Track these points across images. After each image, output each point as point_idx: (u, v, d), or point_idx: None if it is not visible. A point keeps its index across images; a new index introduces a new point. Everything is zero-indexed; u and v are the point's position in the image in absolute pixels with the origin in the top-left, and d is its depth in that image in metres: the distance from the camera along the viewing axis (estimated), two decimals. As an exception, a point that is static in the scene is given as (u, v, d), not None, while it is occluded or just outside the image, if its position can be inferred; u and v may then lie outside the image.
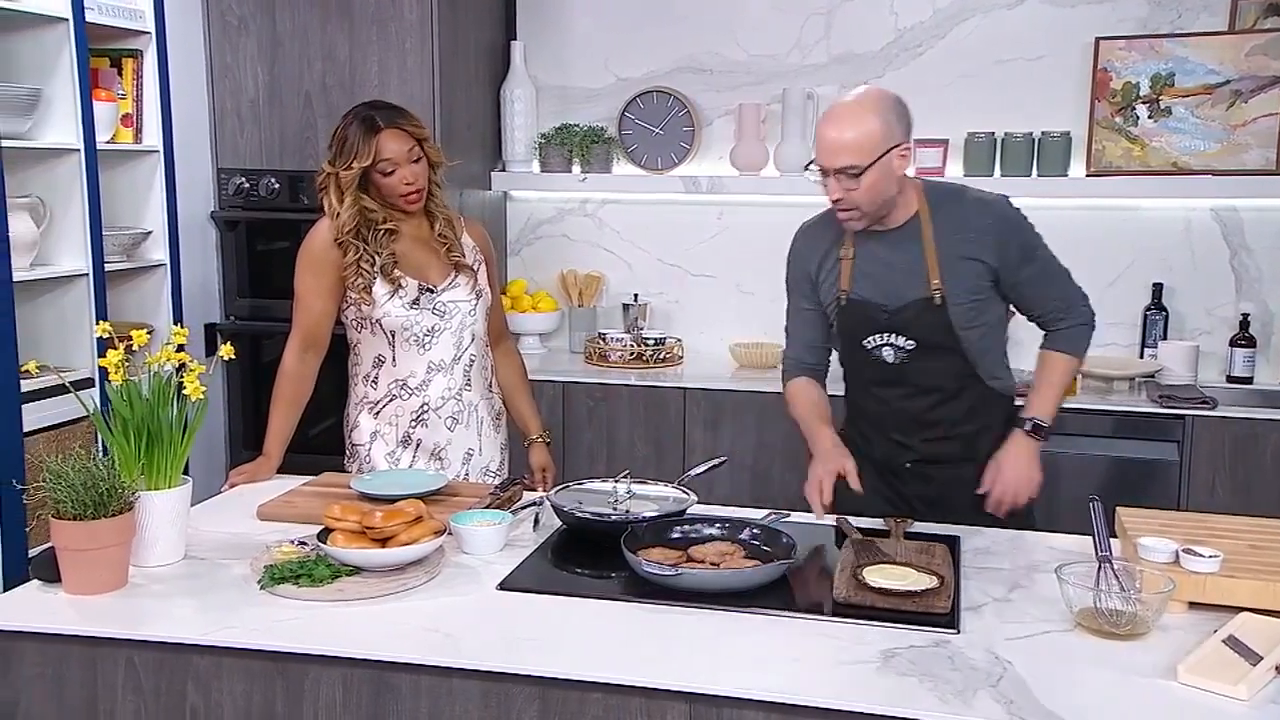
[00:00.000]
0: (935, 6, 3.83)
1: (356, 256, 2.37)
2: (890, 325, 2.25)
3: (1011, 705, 1.44)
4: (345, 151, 2.35)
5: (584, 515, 2.07)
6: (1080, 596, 1.67)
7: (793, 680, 1.52)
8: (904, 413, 2.32)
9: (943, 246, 2.20)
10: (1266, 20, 3.53)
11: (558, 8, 4.16)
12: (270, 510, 2.17)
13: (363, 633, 1.64)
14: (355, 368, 2.52)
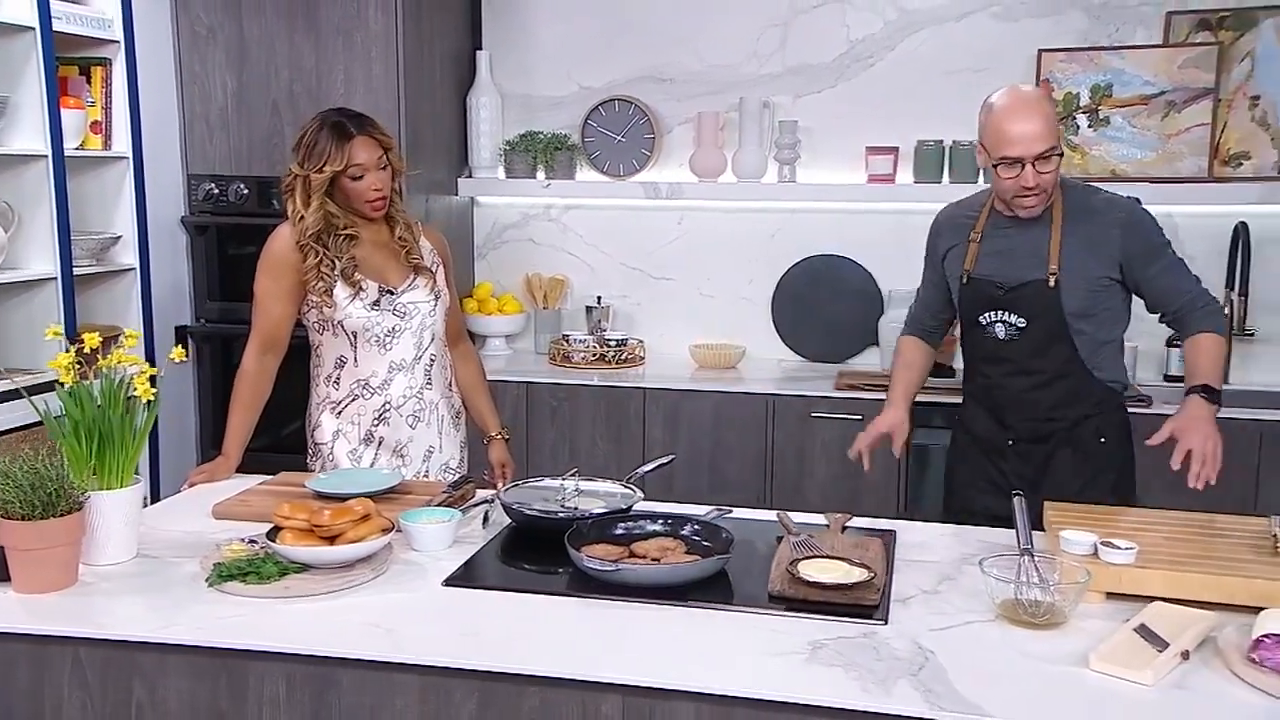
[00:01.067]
0: (885, 19, 3.84)
1: (317, 260, 2.36)
2: (1004, 303, 2.34)
3: (929, 694, 1.45)
4: (316, 155, 2.33)
5: (531, 513, 2.07)
6: (1002, 588, 1.69)
7: (723, 672, 1.52)
8: (1006, 391, 2.39)
9: (1068, 234, 2.29)
10: (1198, 35, 3.57)
11: (523, 19, 4.16)
12: (225, 509, 2.15)
13: (306, 629, 1.63)
14: (317, 369, 2.51)
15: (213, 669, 1.61)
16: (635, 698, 1.52)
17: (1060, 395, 2.35)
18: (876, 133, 3.84)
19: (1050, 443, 2.37)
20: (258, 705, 1.61)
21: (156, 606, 1.71)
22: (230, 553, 1.83)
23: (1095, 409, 2.37)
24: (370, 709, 1.59)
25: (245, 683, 1.61)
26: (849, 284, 3.94)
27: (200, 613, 1.67)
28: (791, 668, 1.53)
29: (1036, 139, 2.20)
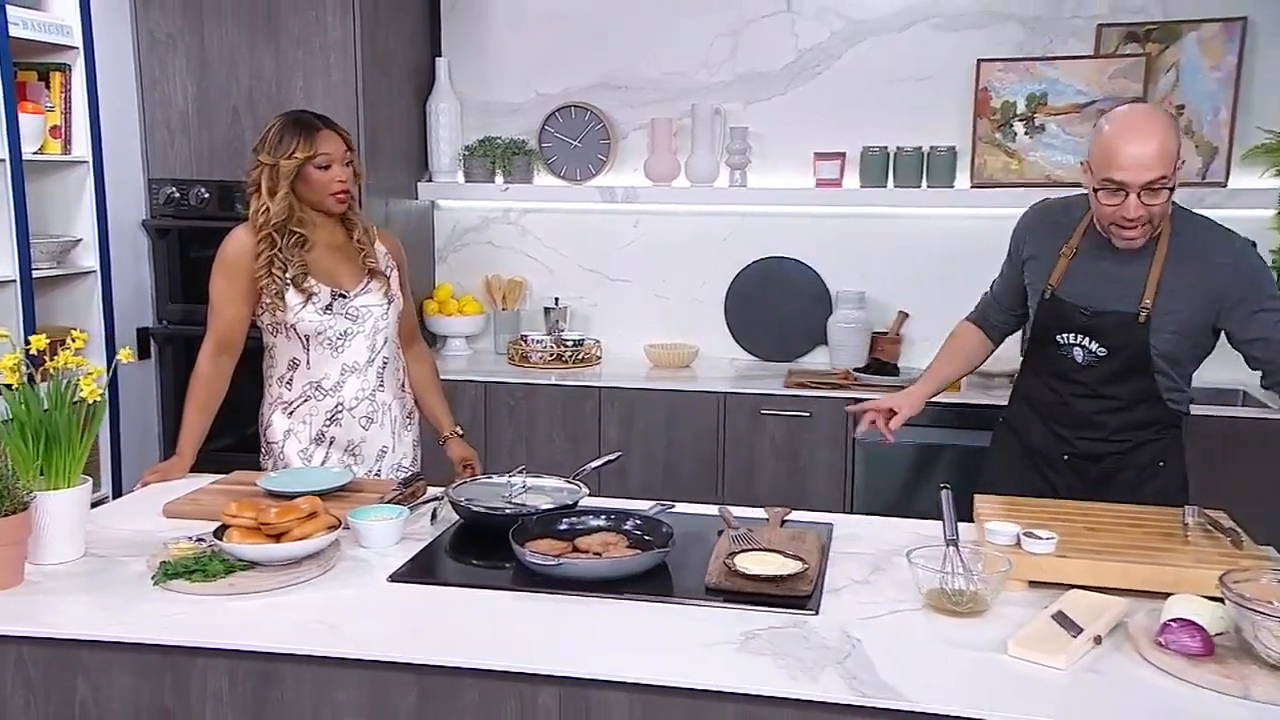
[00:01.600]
0: (832, 30, 3.86)
1: (269, 259, 2.33)
2: (1086, 328, 2.18)
3: (854, 680, 1.46)
4: (284, 144, 2.32)
5: (478, 509, 2.06)
6: (928, 578, 1.70)
7: (657, 662, 1.52)
8: (1074, 410, 2.25)
9: (1170, 271, 2.10)
10: (1126, 46, 3.62)
11: (481, 28, 4.15)
12: (176, 508, 2.13)
13: (250, 626, 1.61)
14: (270, 369, 2.49)
15: (157, 666, 1.59)
16: (572, 689, 1.52)
17: (1128, 420, 2.22)
18: (824, 139, 3.86)
19: (1107, 461, 2.25)
20: (201, 701, 1.60)
21: (102, 605, 1.68)
22: (177, 551, 1.81)
23: (1160, 434, 2.24)
24: (312, 703, 1.58)
25: (189, 679, 1.59)
26: (798, 285, 3.95)
27: (145, 611, 1.65)
28: (723, 657, 1.54)
29: (1147, 166, 1.96)
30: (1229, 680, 1.43)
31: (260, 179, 2.35)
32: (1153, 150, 1.97)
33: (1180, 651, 1.50)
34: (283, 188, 2.33)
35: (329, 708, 1.57)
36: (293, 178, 2.33)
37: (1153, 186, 1.99)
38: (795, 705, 1.46)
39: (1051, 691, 1.44)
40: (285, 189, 2.33)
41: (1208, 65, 3.59)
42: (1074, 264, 2.21)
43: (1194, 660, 1.49)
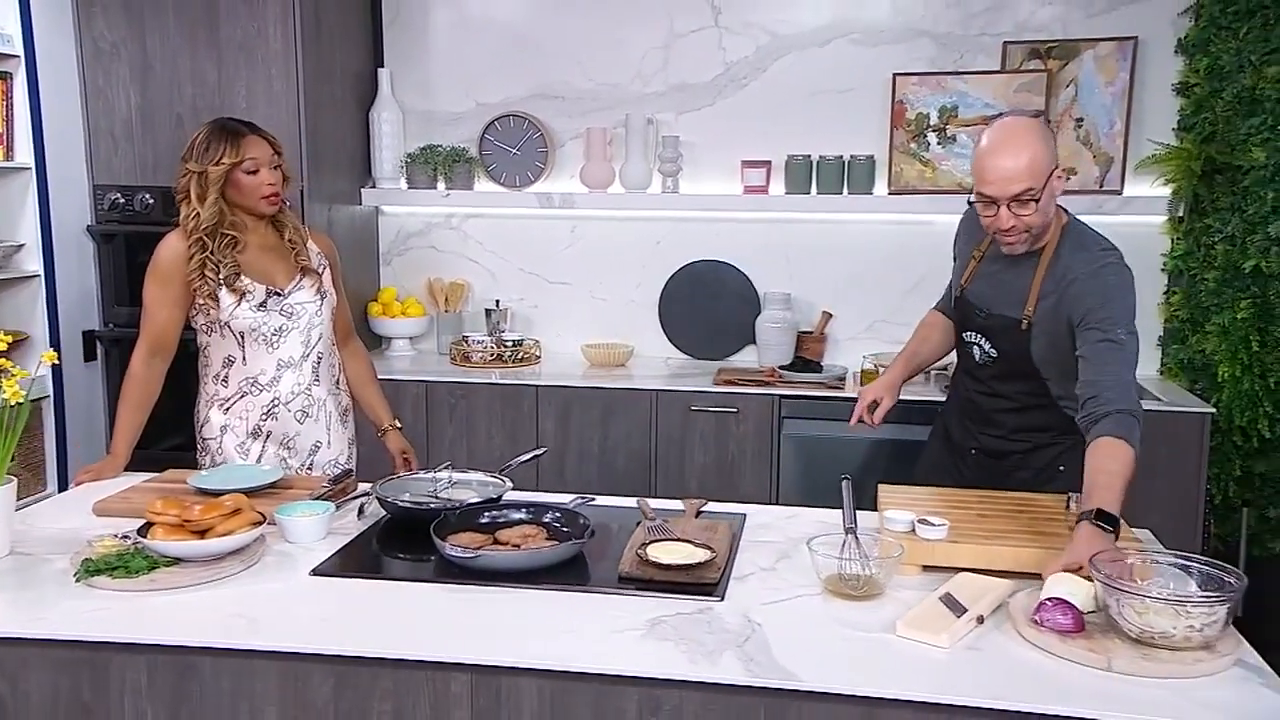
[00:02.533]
0: (758, 44, 3.89)
1: (201, 262, 2.30)
2: (983, 328, 2.21)
3: (751, 663, 1.47)
4: (211, 151, 2.29)
5: (402, 504, 2.05)
6: (826, 564, 1.72)
7: (566, 649, 1.52)
8: (978, 406, 2.29)
9: (1048, 283, 2.08)
10: (1030, 63, 3.69)
11: (422, 39, 4.11)
12: (106, 506, 2.09)
13: (169, 621, 1.59)
14: (205, 368, 2.45)
15: (74, 662, 1.56)
16: (483, 676, 1.52)
17: (1025, 421, 2.23)
18: (751, 147, 3.88)
19: (1009, 460, 2.26)
20: (120, 695, 1.57)
21: (22, 603, 1.65)
22: (101, 548, 1.77)
23: (1058, 439, 2.22)
24: (230, 694, 1.56)
25: (107, 675, 1.57)
26: (728, 287, 3.97)
27: (65, 608, 1.62)
28: (629, 643, 1.54)
29: (1012, 179, 1.95)
30: (1094, 654, 1.47)
31: (189, 186, 2.31)
32: (1019, 164, 1.95)
33: (1053, 629, 1.53)
34: (212, 193, 2.29)
35: (247, 700, 1.55)
36: (222, 183, 2.30)
37: (1020, 198, 1.98)
38: (695, 687, 1.47)
39: (933, 669, 1.47)
40: (215, 195, 2.30)
41: (1103, 81, 3.67)
42: (980, 266, 2.25)
43: (1065, 637, 1.52)
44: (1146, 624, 1.46)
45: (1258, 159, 3.41)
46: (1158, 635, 1.46)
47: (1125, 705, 1.36)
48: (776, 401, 3.49)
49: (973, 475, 2.31)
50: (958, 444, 2.37)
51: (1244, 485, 3.53)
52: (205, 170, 2.29)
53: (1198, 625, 1.45)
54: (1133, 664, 1.44)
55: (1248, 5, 3.42)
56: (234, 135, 2.31)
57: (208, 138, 2.31)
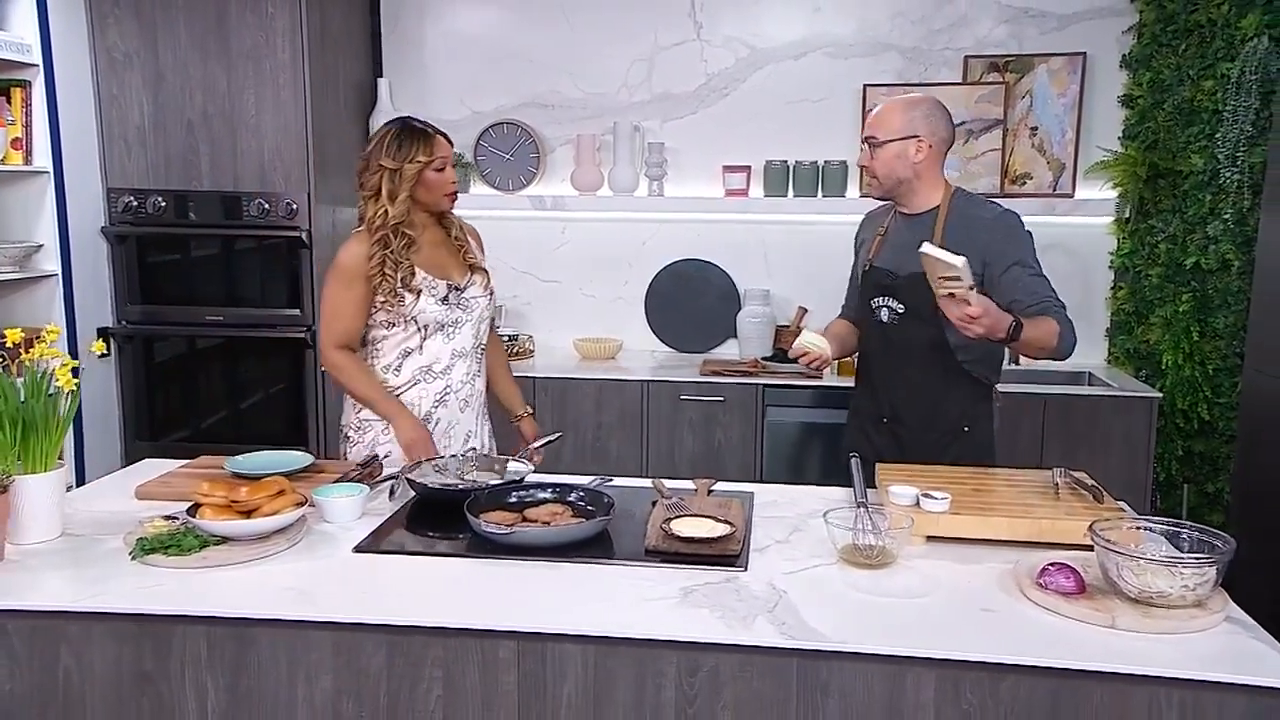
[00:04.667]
0: (737, 56, 3.90)
1: (382, 259, 2.24)
2: (890, 289, 2.28)
3: (784, 626, 1.48)
4: (405, 149, 2.24)
5: (433, 486, 2.02)
6: (842, 535, 1.73)
7: (605, 616, 1.51)
8: (884, 371, 2.34)
9: (948, 235, 2.20)
10: (989, 75, 3.74)
11: (419, 50, 4.07)
12: (147, 490, 2.04)
13: (225, 594, 1.56)
14: (375, 359, 2.37)
15: (137, 634, 1.53)
16: (529, 642, 1.50)
17: (933, 378, 2.27)
18: (732, 153, 3.89)
19: (918, 425, 2.30)
20: (181, 666, 1.53)
21: (82, 579, 1.60)
22: (152, 528, 1.73)
23: (963, 399, 2.28)
24: (286, 664, 1.53)
25: (169, 646, 1.53)
26: (711, 284, 3.98)
27: (124, 583, 1.58)
28: (665, 610, 1.53)
29: (869, 124, 2.25)
30: (1099, 613, 1.49)
31: (380, 183, 2.25)
32: (876, 115, 2.26)
33: (1057, 591, 1.55)
34: (404, 190, 2.24)
35: (303, 668, 1.53)
36: (414, 181, 2.25)
37: (869, 141, 2.26)
38: (730, 650, 1.46)
39: (952, 628, 1.48)
40: (406, 192, 2.25)
41: (1056, 93, 3.73)
42: (885, 240, 2.36)
43: (1069, 598, 1.54)
44: (1145, 584, 1.49)
45: (1196, 165, 3.48)
46: (1156, 595, 1.48)
47: (1134, 659, 1.39)
48: (760, 390, 3.50)
49: (885, 443, 2.34)
50: (871, 417, 2.40)
51: (1185, 464, 3.61)
52: (400, 167, 2.24)
53: (1191, 584, 1.48)
54: (1135, 621, 1.46)
55: (1185, 24, 3.49)
56: (425, 135, 2.28)
57: (398, 137, 2.26)
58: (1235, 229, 3.39)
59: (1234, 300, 3.44)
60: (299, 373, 3.68)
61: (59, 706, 1.54)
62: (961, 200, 2.28)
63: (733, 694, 1.48)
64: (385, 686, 1.52)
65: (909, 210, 2.31)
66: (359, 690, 1.53)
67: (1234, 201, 3.37)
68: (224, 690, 1.53)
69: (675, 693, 1.48)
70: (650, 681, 1.49)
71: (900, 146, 2.21)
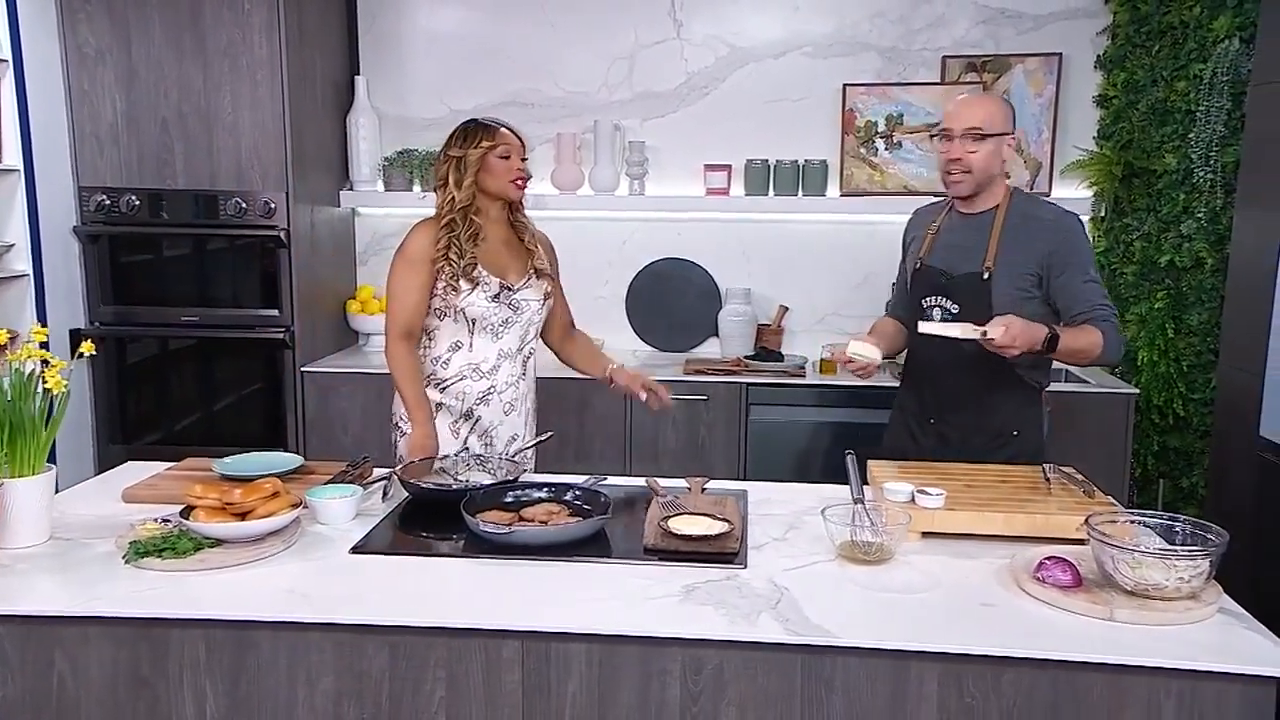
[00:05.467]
0: (717, 55, 3.91)
1: (448, 243, 2.29)
2: (945, 289, 2.29)
3: (787, 622, 1.49)
4: (470, 137, 2.32)
5: (428, 486, 2.02)
6: (840, 532, 1.74)
7: (608, 614, 1.52)
8: (935, 369, 2.33)
9: (1006, 234, 2.22)
10: (967, 75, 3.78)
11: (396, 47, 4.04)
12: (135, 493, 2.01)
13: (223, 597, 1.54)
14: (426, 350, 2.40)
15: (133, 638, 1.51)
16: (532, 641, 1.51)
17: (984, 382, 2.26)
18: (712, 152, 3.90)
19: (966, 427, 2.31)
20: (179, 670, 1.52)
21: (74, 583, 1.58)
22: (145, 531, 1.71)
23: (1011, 403, 2.29)
24: (288, 667, 1.52)
25: (166, 649, 1.51)
26: (692, 283, 3.99)
27: (118, 587, 1.56)
28: (669, 608, 1.54)
29: (970, 115, 2.21)
30: (1097, 606, 1.52)
31: (448, 173, 2.32)
32: (977, 108, 2.24)
33: (1055, 585, 1.58)
34: (469, 176, 2.30)
35: (303, 671, 1.52)
36: (478, 167, 2.30)
37: (971, 133, 2.20)
38: (735, 647, 1.47)
39: (955, 622, 1.50)
40: (471, 178, 2.30)
41: (1033, 93, 3.78)
42: (938, 239, 2.35)
43: (1067, 591, 1.56)
44: (1141, 577, 1.52)
45: (1170, 164, 3.55)
46: (1152, 587, 1.51)
47: (1133, 650, 1.41)
48: (744, 389, 3.52)
49: (931, 445, 2.36)
50: (916, 417, 2.41)
51: (1160, 459, 3.68)
52: (465, 154, 2.30)
53: (1185, 576, 1.51)
54: (1133, 614, 1.49)
55: (1158, 26, 3.56)
56: (490, 126, 2.35)
57: (464, 129, 2.35)
58: (1208, 227, 3.46)
59: (1208, 298, 3.51)
60: (277, 374, 3.64)
61: (53, 712, 1.52)
62: (1020, 200, 2.30)
63: (737, 691, 1.49)
64: (387, 688, 1.51)
65: (970, 209, 2.30)
66: (360, 692, 1.52)
67: (1207, 200, 3.44)
68: (223, 694, 1.52)
69: (680, 690, 1.49)
70: (655, 679, 1.50)
71: (998, 142, 2.22)
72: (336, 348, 3.97)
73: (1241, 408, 2.94)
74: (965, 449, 2.29)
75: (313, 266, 3.75)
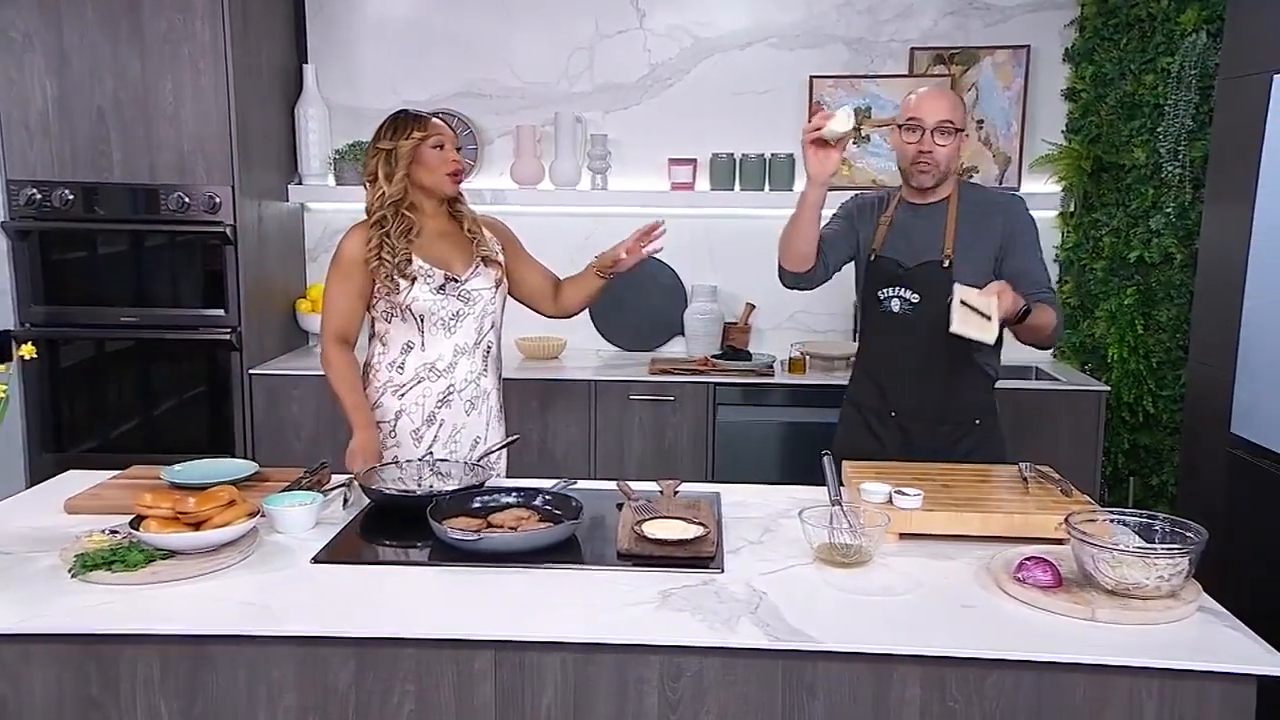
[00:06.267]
0: (681, 46, 3.93)
1: (379, 244, 2.26)
2: (904, 280, 2.34)
3: (768, 627, 1.50)
4: (399, 129, 2.29)
5: (391, 492, 2.00)
6: (818, 534, 1.76)
7: (583, 622, 1.52)
8: (895, 360, 2.38)
9: (962, 222, 2.32)
10: (935, 68, 3.84)
11: (346, 35, 4.00)
12: (78, 503, 1.97)
13: (178, 611, 1.52)
14: (380, 356, 2.39)
15: (81, 657, 1.48)
16: (505, 651, 1.50)
17: (945, 369, 2.33)
18: (677, 145, 3.92)
19: (930, 418, 2.36)
20: (131, 689, 1.49)
21: (18, 600, 1.54)
22: (91, 543, 1.67)
23: (972, 390, 2.37)
24: (247, 683, 1.50)
25: (116, 668, 1.48)
26: (657, 281, 3.99)
27: (66, 603, 1.53)
28: (645, 614, 1.55)
29: (940, 110, 2.28)
30: (1079, 606, 1.55)
31: (378, 166, 2.30)
32: (947, 101, 2.32)
33: (1035, 585, 1.61)
34: (400, 170, 2.28)
35: (264, 687, 1.50)
36: (409, 159, 2.28)
37: (942, 127, 2.28)
38: (715, 653, 1.48)
39: (936, 625, 1.52)
40: (402, 171, 2.28)
41: (1001, 86, 3.85)
42: (891, 230, 2.40)
43: (1048, 591, 1.60)
44: (1121, 576, 1.55)
45: (1138, 159, 3.63)
46: (1132, 586, 1.55)
47: (1116, 650, 1.45)
48: (711, 389, 3.54)
49: (893, 439, 2.39)
50: (877, 412, 2.44)
51: (1130, 457, 3.76)
52: (395, 146, 2.28)
53: (1166, 575, 1.55)
54: (1115, 613, 1.53)
55: (1126, 19, 3.65)
56: (421, 116, 2.33)
57: (393, 120, 2.32)
58: (1177, 222, 3.55)
59: (1177, 294, 3.60)
60: (223, 377, 3.58)
61: (-6, 738, 1.49)
62: (968, 189, 2.42)
63: (717, 699, 1.50)
64: (354, 702, 1.50)
65: (921, 201, 2.37)
66: (325, 707, 1.50)
67: (1175, 195, 3.53)
68: (178, 713, 1.50)
69: (658, 699, 1.50)
70: (632, 688, 1.50)
71: (961, 137, 2.33)
72: (286, 349, 3.92)
73: (1212, 404, 3.02)
74: (930, 441, 2.35)
75: (260, 264, 3.70)
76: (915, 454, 2.30)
